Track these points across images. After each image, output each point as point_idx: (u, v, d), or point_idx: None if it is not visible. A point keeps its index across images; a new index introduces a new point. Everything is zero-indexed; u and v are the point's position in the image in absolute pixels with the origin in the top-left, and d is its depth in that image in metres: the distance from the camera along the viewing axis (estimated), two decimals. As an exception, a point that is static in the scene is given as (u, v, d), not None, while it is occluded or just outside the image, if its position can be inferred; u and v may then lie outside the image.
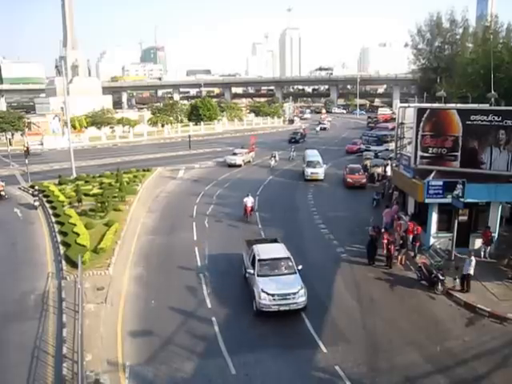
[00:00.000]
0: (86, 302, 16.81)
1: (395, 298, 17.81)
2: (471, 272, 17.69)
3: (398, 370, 13.26)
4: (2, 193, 32.63)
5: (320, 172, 38.37)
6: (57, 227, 25.07)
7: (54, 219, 26.58)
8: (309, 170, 38.32)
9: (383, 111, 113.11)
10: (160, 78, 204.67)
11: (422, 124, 21.98)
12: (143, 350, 14.22)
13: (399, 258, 20.78)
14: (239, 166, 45.27)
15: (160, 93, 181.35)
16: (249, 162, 47.15)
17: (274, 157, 44.67)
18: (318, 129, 79.46)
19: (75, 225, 24.41)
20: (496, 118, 20.66)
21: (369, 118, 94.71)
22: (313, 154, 41.52)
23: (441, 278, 17.78)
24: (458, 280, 17.96)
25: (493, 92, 27.83)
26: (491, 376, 13.05)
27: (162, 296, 17.75)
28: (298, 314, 16.20)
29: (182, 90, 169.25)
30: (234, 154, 46.36)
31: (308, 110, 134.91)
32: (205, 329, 15.45)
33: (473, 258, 17.91)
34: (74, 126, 62.62)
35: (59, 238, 23.47)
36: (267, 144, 59.96)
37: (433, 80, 53.73)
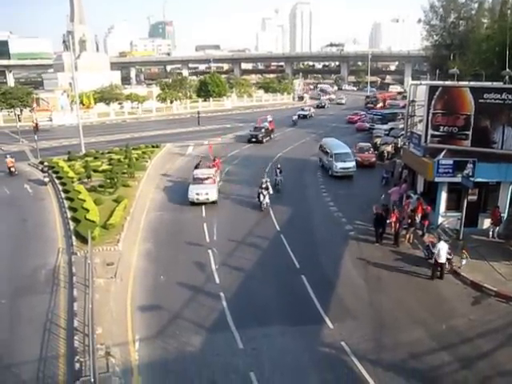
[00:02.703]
0: (96, 277, 17.06)
1: (402, 276, 17.88)
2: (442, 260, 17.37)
3: (403, 347, 13.41)
4: (13, 169, 32.87)
5: (352, 166, 32.07)
6: (66, 203, 25.31)
7: (63, 195, 26.81)
8: (338, 165, 31.83)
9: (394, 89, 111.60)
10: (169, 54, 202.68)
11: (433, 102, 21.67)
12: (152, 324, 14.50)
13: (407, 236, 20.78)
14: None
15: (169, 68, 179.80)
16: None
17: (266, 188, 25.26)
18: (294, 118, 60.18)
19: (85, 201, 24.62)
20: (510, 97, 20.28)
21: (367, 97, 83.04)
22: (337, 145, 35.02)
23: (448, 257, 17.78)
24: (464, 260, 17.92)
25: (507, 70, 27.24)
26: (495, 354, 13.16)
27: (171, 271, 17.97)
28: (306, 290, 16.39)
29: (190, 65, 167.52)
30: (198, 179, 26.91)
31: (325, 87, 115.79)
32: (213, 304, 15.67)
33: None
34: (82, 102, 62.46)
35: (69, 213, 23.71)
36: (276, 121, 59.47)
37: (446, 57, 52.62)
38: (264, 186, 25.36)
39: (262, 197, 24.96)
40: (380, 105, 72.48)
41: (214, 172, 28.56)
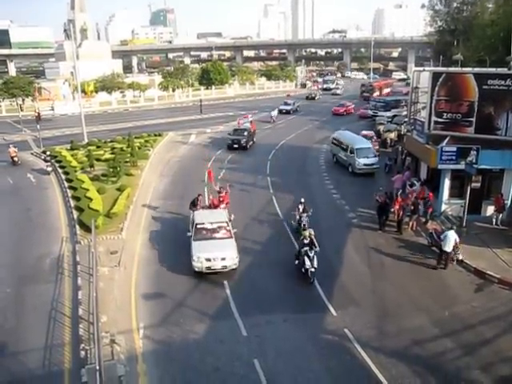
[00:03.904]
0: (100, 266, 17.17)
1: (405, 263, 17.90)
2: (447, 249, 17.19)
3: (406, 334, 13.48)
4: (15, 158, 32.88)
5: (375, 162, 29.54)
6: (70, 192, 25.36)
7: (66, 184, 26.86)
8: (361, 161, 29.30)
9: (397, 75, 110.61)
10: (170, 42, 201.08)
11: (437, 88, 21.51)
12: (156, 312, 14.60)
13: (410, 223, 20.77)
14: None
15: (170, 56, 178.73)
16: None
17: (310, 243, 17.01)
18: (273, 114, 51.27)
19: (88, 190, 24.67)
20: (514, 83, 20.08)
21: (362, 86, 75.16)
22: (356, 138, 32.22)
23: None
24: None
25: (512, 55, 26.96)
26: (498, 341, 13.21)
27: (175, 259, 18.04)
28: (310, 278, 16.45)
29: (192, 53, 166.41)
30: (204, 233, 18.30)
31: (331, 78, 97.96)
32: (217, 292, 15.76)
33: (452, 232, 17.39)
34: (83, 91, 62.24)
35: (72, 202, 23.78)
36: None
37: (449, 43, 52.17)
38: (307, 239, 16.83)
39: (307, 260, 16.23)
40: (376, 94, 67.43)
41: (226, 215, 19.43)
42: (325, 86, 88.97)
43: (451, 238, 17.04)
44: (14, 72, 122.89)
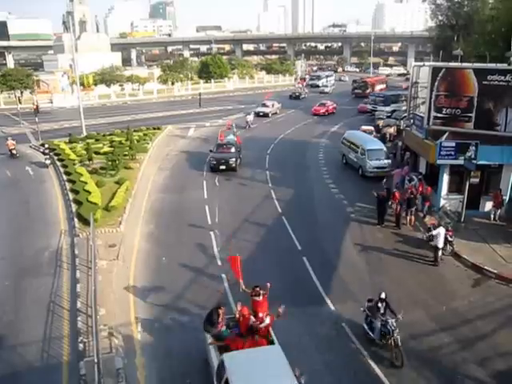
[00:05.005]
0: (99, 259, 17.18)
1: (403, 258, 17.94)
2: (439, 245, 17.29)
3: (403, 328, 13.46)
4: (14, 151, 32.81)
5: (387, 165, 27.23)
6: (68, 185, 25.33)
7: (65, 177, 26.83)
8: (372, 163, 27.06)
9: (398, 70, 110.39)
10: (169, 35, 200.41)
11: (436, 83, 21.48)
12: (154, 305, 14.63)
13: (408, 218, 20.80)
14: None
15: (170, 50, 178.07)
16: None
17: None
18: (249, 118, 43.61)
19: (86, 183, 24.65)
20: (514, 78, 20.05)
21: (354, 82, 70.14)
22: (367, 139, 30.13)
23: (449, 239, 17.81)
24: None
25: (512, 51, 26.91)
26: (494, 335, 13.28)
27: (173, 253, 18.06)
28: (307, 272, 16.46)
29: (192, 46, 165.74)
30: None
31: (325, 74, 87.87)
32: (215, 285, 15.76)
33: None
34: (82, 84, 62.02)
35: (71, 196, 23.75)
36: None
37: (450, 38, 52.06)
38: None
39: None
40: (368, 91, 63.25)
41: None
42: (311, 82, 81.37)
43: (442, 234, 17.16)
44: (12, 64, 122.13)
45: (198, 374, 11.69)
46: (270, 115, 49.40)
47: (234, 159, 28.81)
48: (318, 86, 76.48)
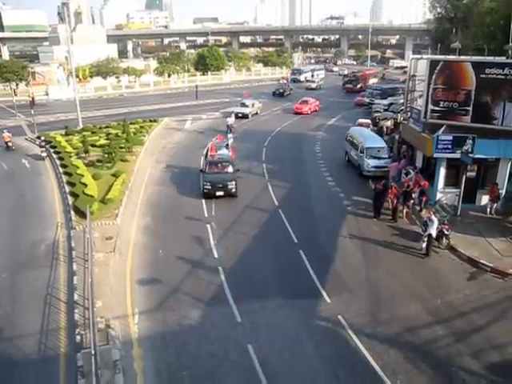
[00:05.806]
0: (96, 251, 17.18)
1: (399, 251, 18.00)
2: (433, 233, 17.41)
3: (399, 321, 13.61)
4: (10, 144, 32.66)
5: (387, 165, 25.48)
6: (64, 178, 25.26)
7: (61, 170, 26.74)
8: (371, 162, 25.70)
9: (398, 63, 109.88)
10: (166, 26, 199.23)
11: (434, 77, 21.41)
12: (151, 298, 14.65)
13: (404, 211, 20.85)
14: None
15: (166, 41, 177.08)
16: None
17: None
18: (230, 121, 37.20)
19: (83, 175, 24.59)
20: None
21: (345, 76, 68.80)
22: (369, 136, 28.75)
23: (446, 232, 17.89)
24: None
25: (511, 44, 26.86)
26: (489, 328, 13.36)
27: (170, 246, 18.07)
28: (304, 265, 16.53)
29: (188, 38, 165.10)
30: None
31: (310, 68, 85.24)
32: (211, 278, 15.80)
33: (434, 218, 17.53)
34: (78, 76, 61.65)
35: (67, 188, 23.69)
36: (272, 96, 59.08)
37: (448, 31, 51.99)
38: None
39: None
40: (360, 85, 62.15)
41: None
42: (292, 77, 76.61)
43: (435, 222, 17.27)
44: (7, 56, 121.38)
45: (195, 365, 11.75)
46: (249, 116, 44.53)
47: (233, 182, 22.88)
48: (300, 81, 73.99)
